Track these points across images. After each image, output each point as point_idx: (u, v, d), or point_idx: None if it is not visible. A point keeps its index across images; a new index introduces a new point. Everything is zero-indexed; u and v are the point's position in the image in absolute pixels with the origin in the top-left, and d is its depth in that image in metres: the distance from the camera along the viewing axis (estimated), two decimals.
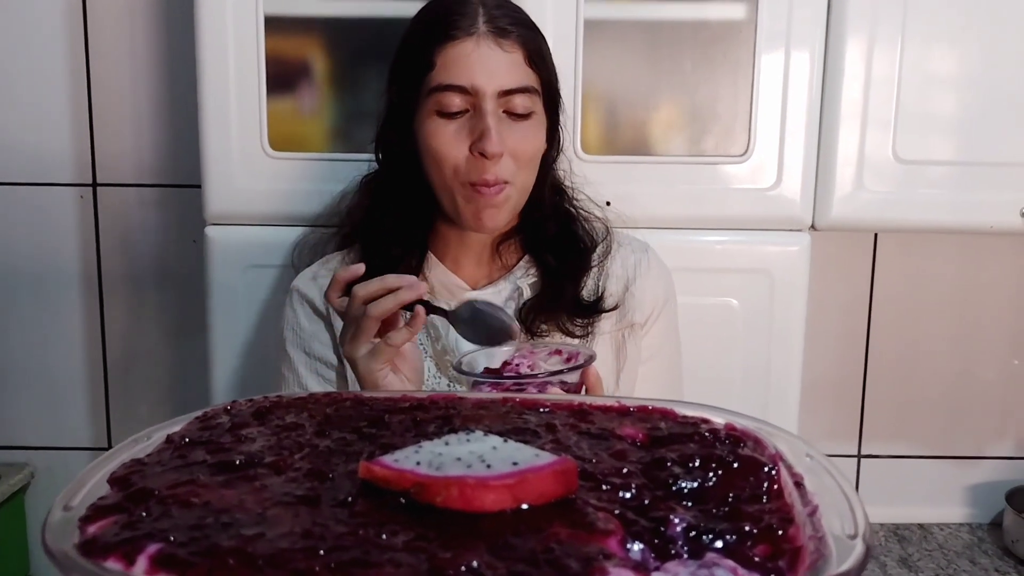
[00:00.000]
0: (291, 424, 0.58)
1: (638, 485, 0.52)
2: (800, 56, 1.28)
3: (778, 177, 1.31)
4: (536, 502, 0.48)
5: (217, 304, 1.33)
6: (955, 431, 1.63)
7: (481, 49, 0.97)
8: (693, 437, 0.58)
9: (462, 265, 1.10)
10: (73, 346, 1.59)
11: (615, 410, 0.63)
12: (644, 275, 1.12)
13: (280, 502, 0.47)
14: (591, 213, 1.15)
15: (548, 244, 1.08)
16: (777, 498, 0.51)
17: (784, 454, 0.55)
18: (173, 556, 0.41)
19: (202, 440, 0.56)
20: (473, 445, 0.52)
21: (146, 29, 1.50)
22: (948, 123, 1.31)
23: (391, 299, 0.86)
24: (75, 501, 0.48)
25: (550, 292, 1.06)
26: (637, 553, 0.46)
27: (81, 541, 0.44)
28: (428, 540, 0.43)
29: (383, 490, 0.48)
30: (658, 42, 1.30)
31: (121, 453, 0.54)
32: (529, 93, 0.99)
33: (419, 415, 0.61)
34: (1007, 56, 1.30)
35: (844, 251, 1.57)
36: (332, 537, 0.43)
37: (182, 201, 1.52)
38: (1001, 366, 1.61)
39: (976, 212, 1.32)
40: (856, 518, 0.46)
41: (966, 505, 1.63)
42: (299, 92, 1.31)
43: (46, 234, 1.55)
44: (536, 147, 1.02)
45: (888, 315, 1.59)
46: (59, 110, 1.52)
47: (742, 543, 0.47)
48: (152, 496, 0.48)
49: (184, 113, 1.48)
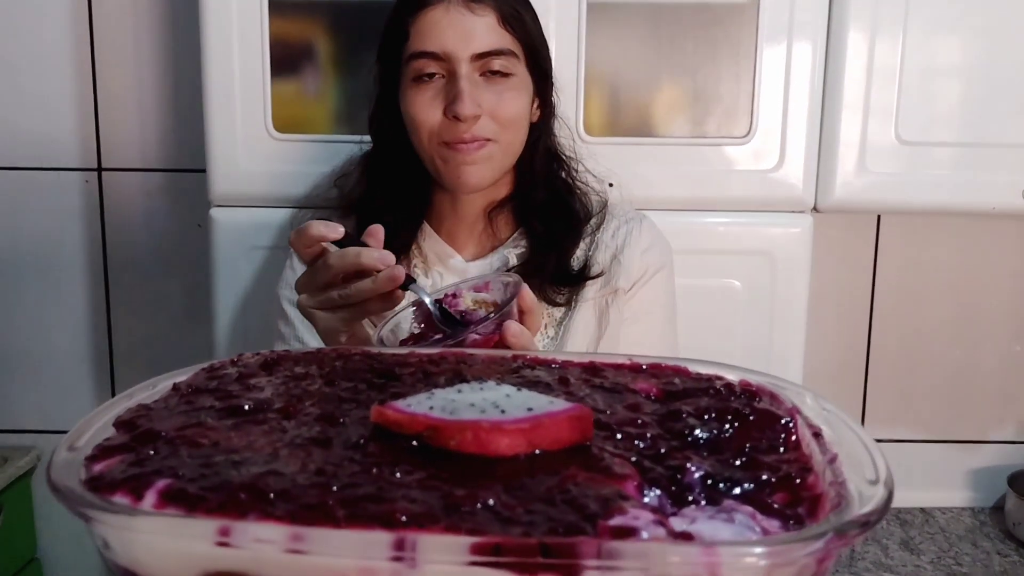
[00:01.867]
0: (300, 374, 0.57)
1: (653, 435, 0.51)
2: (803, 38, 1.28)
3: (780, 159, 1.30)
4: (551, 447, 0.47)
5: (222, 285, 1.34)
6: (957, 415, 1.62)
7: (451, 15, 0.98)
8: (708, 391, 0.57)
9: (456, 236, 1.10)
10: (79, 330, 1.60)
11: (627, 367, 0.63)
12: (634, 243, 1.11)
13: (291, 443, 0.46)
14: (590, 187, 1.14)
15: (537, 211, 1.08)
16: (795, 449, 0.50)
17: (801, 408, 0.55)
18: (183, 491, 0.40)
19: (209, 388, 0.55)
20: (487, 393, 0.51)
21: (150, 14, 1.50)
22: (950, 105, 1.31)
23: (367, 287, 0.80)
24: (80, 442, 0.47)
25: (535, 260, 1.05)
26: (654, 499, 0.45)
27: (87, 478, 0.43)
28: (442, 480, 0.42)
29: (395, 434, 0.47)
30: (660, 24, 1.30)
31: (126, 399, 0.53)
32: (505, 55, 0.99)
33: (430, 368, 0.60)
34: (1009, 38, 1.29)
35: (847, 235, 1.57)
36: (345, 475, 0.42)
37: (187, 185, 1.53)
38: (1004, 350, 1.60)
39: (978, 193, 1.32)
40: (877, 465, 0.45)
41: (968, 489, 1.63)
42: (303, 74, 1.32)
43: (51, 219, 1.56)
44: (517, 108, 1.01)
45: (891, 299, 1.59)
46: (64, 95, 1.52)
47: (760, 491, 0.46)
48: (159, 437, 0.47)
49: (188, 98, 1.48)
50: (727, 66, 1.29)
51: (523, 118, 1.03)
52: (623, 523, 0.39)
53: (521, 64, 1.02)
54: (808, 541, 0.38)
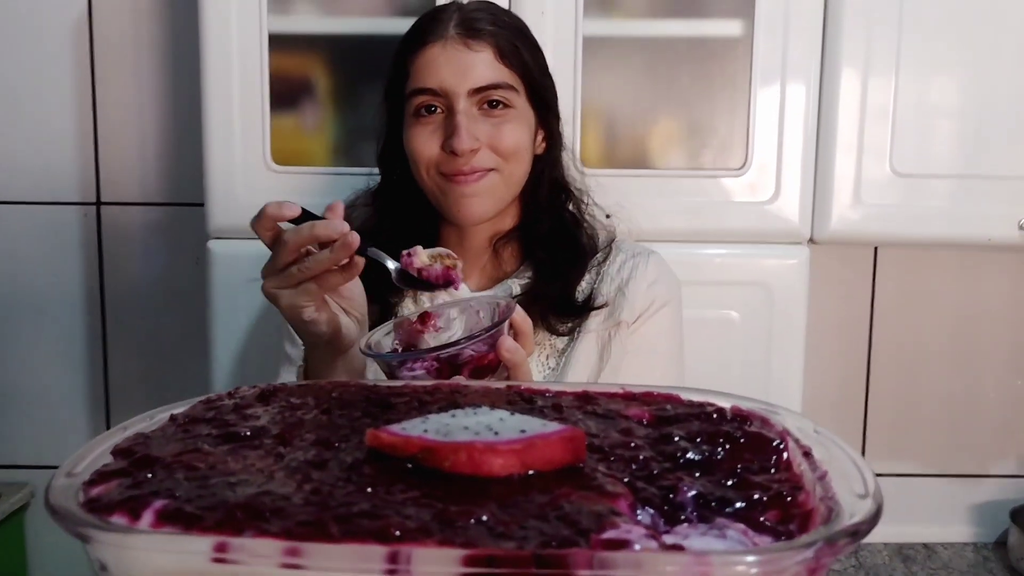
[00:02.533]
0: (296, 404, 0.58)
1: (646, 457, 0.51)
2: (797, 70, 1.31)
3: (776, 190, 1.32)
4: (544, 468, 0.47)
5: (220, 317, 1.34)
6: (958, 448, 1.62)
7: (448, 51, 1.01)
8: (699, 416, 0.58)
9: (463, 268, 1.10)
10: (75, 365, 1.59)
11: (620, 396, 0.63)
12: (640, 277, 1.11)
13: (287, 467, 0.47)
14: (599, 221, 1.15)
15: (542, 241, 1.09)
16: (786, 469, 0.51)
17: (791, 430, 0.55)
18: (179, 510, 0.41)
19: (206, 418, 0.55)
20: (480, 417, 0.52)
21: (151, 49, 1.52)
22: (944, 138, 1.33)
23: (324, 258, 0.82)
24: (78, 469, 0.47)
25: (538, 288, 1.06)
26: (647, 517, 0.45)
27: (85, 500, 0.43)
28: (436, 498, 0.43)
29: (390, 457, 0.48)
30: (655, 58, 1.33)
31: (123, 430, 0.54)
32: (503, 88, 1.01)
33: (425, 398, 0.61)
34: (1001, 74, 1.32)
35: (844, 267, 1.58)
36: (340, 495, 0.43)
37: (185, 220, 1.53)
38: (1003, 383, 1.61)
39: (974, 225, 1.34)
40: (866, 480, 0.46)
41: (970, 524, 1.62)
42: (302, 108, 1.33)
43: (49, 253, 1.56)
44: (515, 140, 1.03)
45: (889, 331, 1.59)
46: (65, 129, 1.54)
47: (752, 509, 0.46)
48: (156, 462, 0.47)
49: (188, 133, 1.50)
50: (722, 99, 1.32)
51: (523, 150, 1.05)
52: (616, 536, 0.40)
53: (521, 97, 1.04)
54: (799, 549, 0.38)
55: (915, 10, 1.30)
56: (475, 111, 1.01)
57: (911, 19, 1.30)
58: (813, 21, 1.30)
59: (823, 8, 1.31)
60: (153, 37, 1.52)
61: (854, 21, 1.30)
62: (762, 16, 1.29)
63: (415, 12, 1.28)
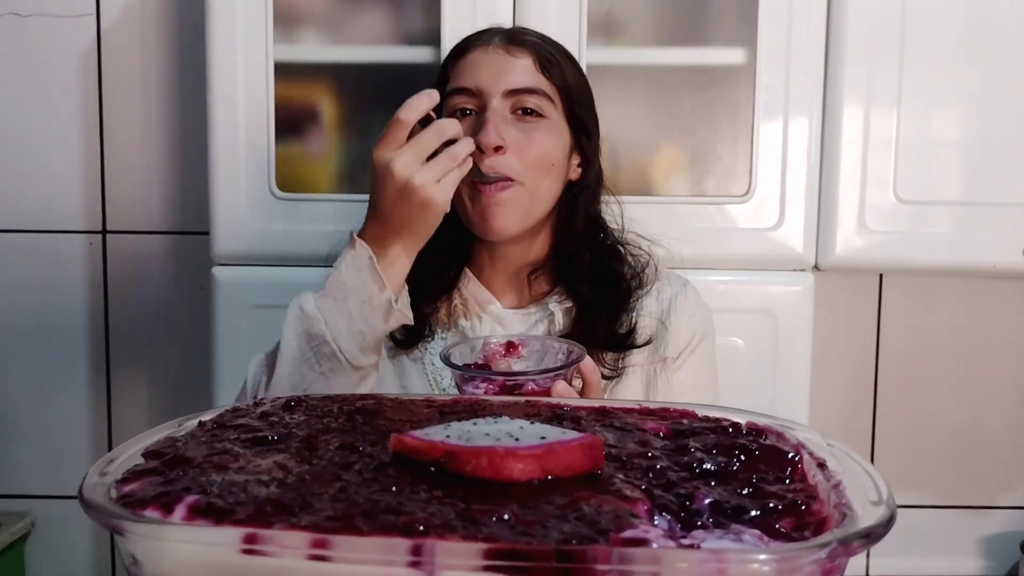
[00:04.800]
0: (322, 412, 0.59)
1: (662, 466, 0.52)
2: (800, 97, 1.32)
3: (780, 217, 1.33)
4: (563, 474, 0.49)
5: (223, 344, 1.35)
6: (967, 479, 1.60)
7: (489, 55, 1.03)
8: (715, 430, 0.59)
9: (494, 287, 1.10)
10: (78, 394, 1.59)
11: (637, 411, 0.64)
12: (680, 309, 1.10)
13: (313, 468, 0.48)
14: (641, 251, 1.13)
15: (582, 275, 1.07)
16: (801, 480, 0.52)
17: (806, 444, 0.56)
18: (211, 505, 0.42)
19: (234, 424, 0.57)
20: (501, 425, 0.53)
21: (158, 80, 1.55)
22: (948, 167, 1.34)
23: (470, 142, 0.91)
24: (110, 468, 0.49)
25: (584, 325, 1.05)
26: (664, 523, 0.46)
27: (118, 496, 0.45)
28: (459, 499, 0.44)
29: (413, 461, 0.49)
30: (659, 86, 1.35)
31: (155, 434, 0.55)
32: (538, 95, 1.02)
33: (445, 410, 0.62)
34: (1005, 104, 1.33)
35: (849, 295, 1.58)
36: (367, 493, 0.44)
37: (190, 248, 1.55)
38: (1011, 413, 1.60)
39: (979, 252, 1.34)
40: (879, 488, 0.47)
41: (980, 556, 1.60)
42: (307, 136, 1.36)
43: (54, 281, 1.57)
44: (544, 149, 1.02)
45: (896, 360, 1.59)
46: (72, 158, 1.55)
47: (767, 516, 0.47)
48: (188, 462, 0.49)
49: (194, 160, 1.51)
50: (725, 127, 1.34)
51: (551, 162, 1.03)
52: (635, 535, 0.41)
53: (556, 109, 1.04)
54: (814, 550, 0.39)
55: (916, 41, 1.32)
56: (508, 114, 1.01)
57: (912, 48, 1.32)
58: (815, 49, 1.32)
59: (825, 37, 1.33)
60: (161, 69, 1.54)
61: (856, 44, 1.32)
62: (764, 44, 1.31)
63: (420, 41, 1.32)
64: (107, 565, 1.66)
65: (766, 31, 1.31)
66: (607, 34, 1.35)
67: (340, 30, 1.35)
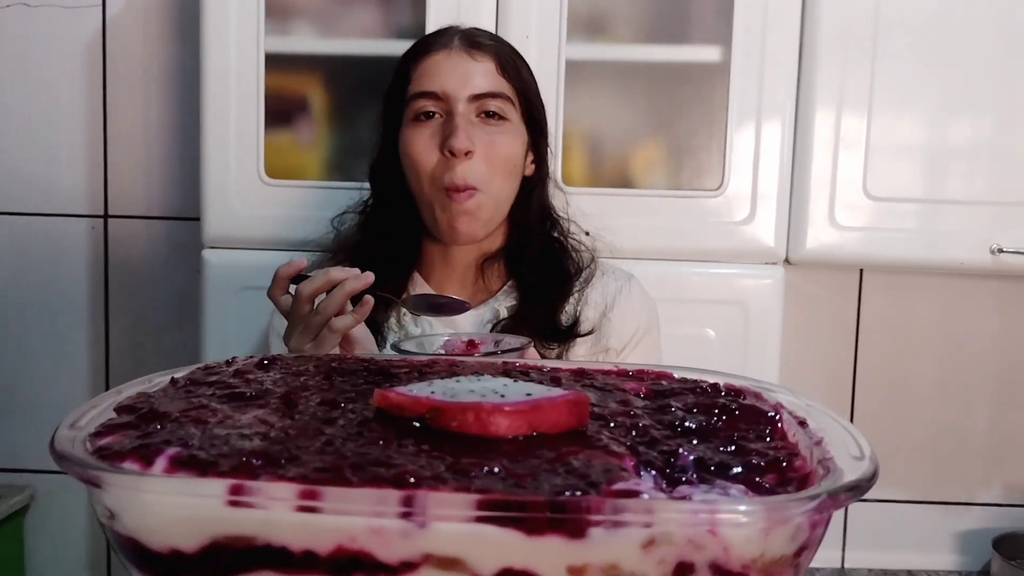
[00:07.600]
0: (298, 371, 0.58)
1: (645, 424, 0.52)
2: (773, 95, 1.33)
3: (752, 211, 1.35)
4: (549, 431, 0.48)
5: (212, 324, 1.37)
6: (943, 476, 1.62)
7: (452, 58, 1.03)
8: (694, 391, 0.59)
9: (446, 287, 1.11)
10: (78, 370, 1.63)
11: (615, 373, 0.64)
12: (624, 303, 1.13)
13: (297, 422, 0.47)
14: (581, 243, 1.16)
15: (529, 265, 1.09)
16: (782, 438, 0.52)
17: (785, 404, 0.57)
18: (193, 457, 0.41)
19: (208, 381, 0.55)
20: (485, 382, 0.52)
21: (160, 70, 1.58)
22: (916, 163, 1.36)
23: (339, 293, 0.85)
24: (82, 421, 0.47)
25: (524, 313, 1.07)
26: (650, 479, 0.46)
27: (93, 449, 0.43)
28: (446, 453, 0.43)
29: (397, 417, 0.49)
30: (636, 81, 1.36)
31: (125, 390, 0.54)
32: (501, 99, 1.04)
33: (424, 369, 0.61)
34: (977, 105, 1.35)
35: (829, 292, 1.59)
36: (353, 446, 0.43)
37: (188, 233, 1.57)
38: (988, 411, 1.61)
39: (947, 249, 1.36)
40: (861, 445, 0.48)
41: (955, 552, 1.61)
42: (297, 125, 1.38)
43: (56, 263, 1.61)
44: (509, 151, 1.04)
45: (874, 356, 1.60)
46: (76, 145, 1.59)
47: (751, 472, 0.48)
48: (164, 416, 0.47)
49: (193, 148, 1.53)
50: (701, 122, 1.35)
51: (514, 164, 1.06)
52: (626, 487, 0.40)
53: (516, 112, 1.06)
54: (804, 501, 0.39)
55: (887, 46, 1.33)
56: (473, 117, 1.02)
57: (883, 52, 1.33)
58: (789, 49, 1.33)
59: (799, 31, 1.34)
60: (163, 59, 1.58)
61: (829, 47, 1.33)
62: (739, 43, 1.32)
63: (409, 34, 1.33)
64: (104, 538, 1.65)
65: (741, 30, 1.32)
66: (587, 31, 1.36)
67: (330, 23, 1.38)
